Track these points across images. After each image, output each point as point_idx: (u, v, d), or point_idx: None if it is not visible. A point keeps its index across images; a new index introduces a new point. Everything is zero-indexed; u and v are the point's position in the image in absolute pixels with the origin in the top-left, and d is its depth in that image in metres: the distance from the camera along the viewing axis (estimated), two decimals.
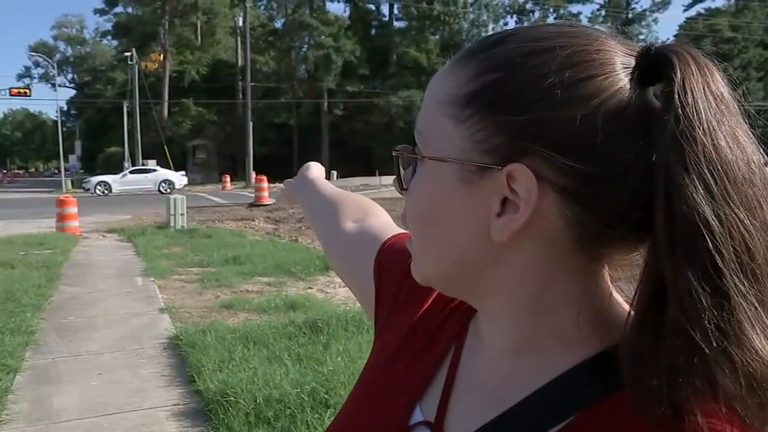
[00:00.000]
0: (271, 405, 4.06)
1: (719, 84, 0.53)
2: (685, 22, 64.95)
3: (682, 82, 0.52)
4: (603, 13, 62.81)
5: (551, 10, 62.84)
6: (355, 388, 0.81)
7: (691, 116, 0.51)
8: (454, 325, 0.74)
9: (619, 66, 0.55)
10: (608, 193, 0.55)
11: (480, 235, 0.59)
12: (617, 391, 0.55)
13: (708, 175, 0.50)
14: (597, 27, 0.60)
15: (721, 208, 0.50)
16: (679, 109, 0.51)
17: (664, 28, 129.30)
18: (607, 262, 0.60)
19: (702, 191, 0.50)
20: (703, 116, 0.51)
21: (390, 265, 0.86)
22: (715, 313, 0.49)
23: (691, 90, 0.52)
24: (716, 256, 0.49)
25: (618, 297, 0.62)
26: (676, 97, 0.52)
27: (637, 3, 64.80)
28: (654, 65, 0.55)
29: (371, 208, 1.06)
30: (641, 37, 61.98)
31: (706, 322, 0.49)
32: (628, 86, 0.55)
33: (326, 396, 4.09)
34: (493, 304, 0.63)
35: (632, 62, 0.56)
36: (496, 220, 0.58)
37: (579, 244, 0.57)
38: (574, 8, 63.64)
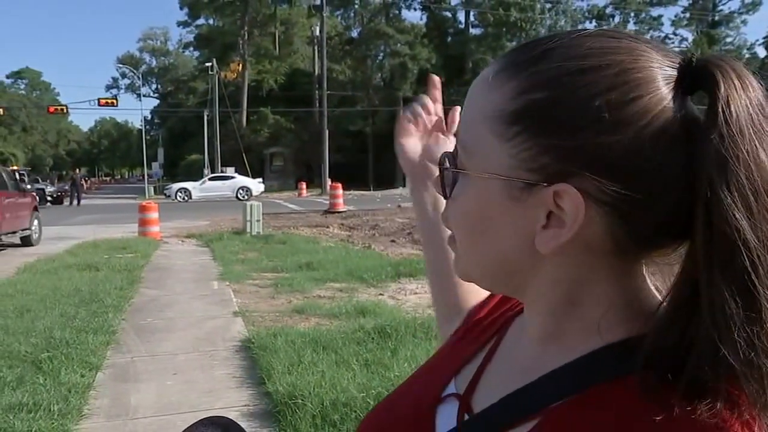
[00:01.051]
0: (337, 408, 4.11)
1: (760, 97, 0.54)
2: None
3: (726, 97, 0.53)
4: (687, 15, 60.91)
5: (632, 14, 61.40)
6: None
7: (734, 132, 0.52)
8: (504, 319, 0.79)
9: (662, 81, 0.56)
10: (651, 208, 0.56)
11: (523, 245, 0.61)
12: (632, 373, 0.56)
13: (749, 192, 0.51)
14: (638, 35, 0.60)
15: (759, 225, 0.51)
16: (723, 126, 0.52)
17: (754, 30, 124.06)
18: (644, 261, 0.62)
19: (742, 208, 0.51)
20: (746, 132, 0.52)
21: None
22: (746, 328, 0.50)
23: (735, 105, 0.52)
24: (752, 273, 0.50)
25: (651, 288, 0.63)
26: (720, 112, 0.52)
27: (724, 4, 62.02)
28: (697, 78, 0.56)
29: None
30: (728, 39, 59.85)
31: (737, 335, 0.50)
32: (671, 102, 0.55)
33: None
34: (530, 299, 0.66)
35: (674, 74, 0.56)
36: (541, 232, 0.59)
37: (618, 250, 0.59)
38: (656, 11, 61.93)
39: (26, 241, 15.00)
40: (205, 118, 52.48)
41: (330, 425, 3.97)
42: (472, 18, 60.67)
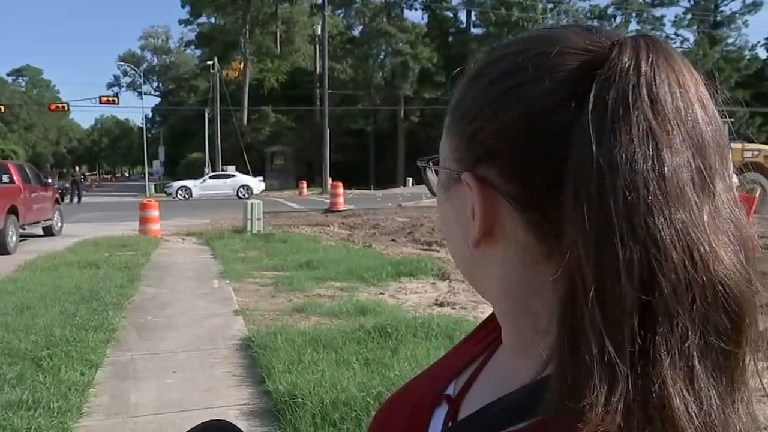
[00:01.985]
0: (337, 407, 4.09)
1: (662, 86, 0.48)
2: None
3: (608, 67, 0.49)
4: (689, 16, 60.77)
5: (633, 14, 61.30)
6: None
7: (598, 118, 0.48)
8: None
9: (572, 67, 0.52)
10: (551, 194, 0.51)
11: (463, 240, 0.61)
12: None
13: (593, 181, 0.47)
14: (574, 25, 0.58)
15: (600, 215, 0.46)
16: (590, 111, 0.48)
17: (755, 31, 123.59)
18: None
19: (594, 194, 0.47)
20: (609, 117, 0.48)
21: None
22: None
23: (608, 77, 0.49)
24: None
25: None
26: (593, 93, 0.49)
27: (726, 5, 61.74)
28: (602, 60, 0.51)
29: None
30: (729, 40, 59.77)
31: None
32: (570, 87, 0.51)
33: None
34: (493, 304, 0.65)
35: (587, 57, 0.52)
36: (470, 225, 0.59)
37: (546, 249, 0.55)
38: (658, 12, 61.78)
39: (48, 231, 16.37)
40: (206, 116, 52.45)
41: (330, 424, 3.96)
42: (473, 17, 60.69)
